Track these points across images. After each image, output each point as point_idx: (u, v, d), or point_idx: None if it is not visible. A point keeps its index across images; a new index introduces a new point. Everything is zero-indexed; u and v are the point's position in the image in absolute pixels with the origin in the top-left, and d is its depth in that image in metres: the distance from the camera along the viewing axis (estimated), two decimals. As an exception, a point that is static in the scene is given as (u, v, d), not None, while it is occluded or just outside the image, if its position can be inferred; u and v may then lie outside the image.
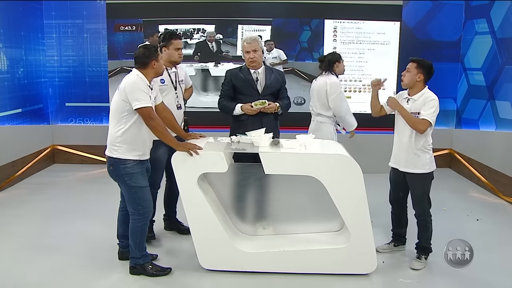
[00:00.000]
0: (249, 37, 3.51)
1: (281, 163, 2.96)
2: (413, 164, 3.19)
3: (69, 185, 5.31)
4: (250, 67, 3.53)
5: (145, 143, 2.98)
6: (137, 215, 2.98)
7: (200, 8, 5.76)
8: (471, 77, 5.90)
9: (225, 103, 3.55)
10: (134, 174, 2.92)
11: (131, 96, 2.82)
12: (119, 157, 2.90)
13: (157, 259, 3.28)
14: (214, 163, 2.95)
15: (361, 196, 2.94)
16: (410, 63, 3.21)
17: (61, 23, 6.12)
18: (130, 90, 2.83)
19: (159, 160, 3.38)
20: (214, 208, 3.06)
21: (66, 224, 3.99)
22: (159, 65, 2.98)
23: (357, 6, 5.74)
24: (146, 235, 3.08)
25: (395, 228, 3.49)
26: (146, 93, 2.86)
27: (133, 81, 2.87)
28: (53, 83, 6.25)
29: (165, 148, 3.38)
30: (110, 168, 2.97)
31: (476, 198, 5.04)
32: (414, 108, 3.18)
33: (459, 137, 6.10)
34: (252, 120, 3.46)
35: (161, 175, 3.55)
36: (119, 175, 2.93)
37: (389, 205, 3.47)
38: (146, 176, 3.02)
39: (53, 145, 6.22)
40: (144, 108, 2.83)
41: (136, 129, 2.90)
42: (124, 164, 2.90)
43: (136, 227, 2.99)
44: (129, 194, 2.97)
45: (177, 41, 3.46)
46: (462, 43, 6.08)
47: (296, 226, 3.29)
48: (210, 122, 5.34)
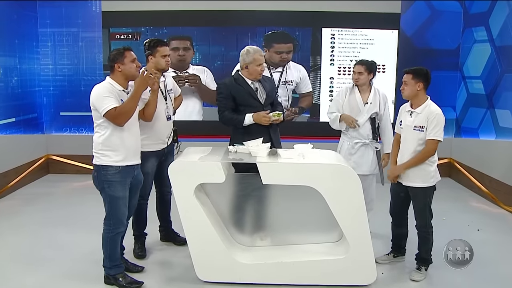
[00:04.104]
0: (257, 49, 3.44)
1: (279, 173, 2.98)
2: (418, 177, 3.19)
3: (64, 196, 5.31)
4: (253, 80, 3.46)
5: (126, 146, 2.96)
6: (108, 225, 3.00)
7: (198, 17, 5.80)
8: (470, 86, 5.96)
9: (231, 115, 3.42)
10: (114, 182, 2.93)
11: (97, 105, 2.86)
12: (102, 163, 2.93)
13: (143, 271, 3.28)
14: (211, 174, 2.97)
15: (359, 206, 2.96)
16: (405, 75, 3.22)
17: (56, 32, 6.16)
18: (95, 100, 2.88)
19: (147, 172, 3.38)
20: (211, 219, 3.08)
21: (59, 236, 3.98)
22: (126, 68, 2.93)
23: (354, 14, 5.80)
24: (118, 246, 3.06)
25: (395, 239, 3.50)
26: (108, 97, 2.86)
27: (95, 91, 2.91)
28: (47, 92, 6.28)
29: (153, 161, 3.42)
30: (94, 174, 3.01)
31: (477, 208, 5.06)
32: (418, 121, 3.18)
33: (458, 146, 6.15)
34: (260, 130, 3.38)
35: (150, 187, 3.54)
36: (100, 181, 2.96)
37: (388, 215, 3.49)
38: (126, 187, 2.99)
39: (47, 154, 6.23)
40: (107, 112, 2.84)
41: (115, 134, 2.92)
42: (106, 171, 2.92)
43: (107, 237, 3.00)
44: (105, 203, 2.99)
45: (163, 48, 3.41)
46: (461, 51, 6.15)
47: (294, 237, 3.30)
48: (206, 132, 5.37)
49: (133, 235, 3.58)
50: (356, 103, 3.85)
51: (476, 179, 5.57)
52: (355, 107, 3.85)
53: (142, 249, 3.57)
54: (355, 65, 3.88)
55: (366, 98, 3.85)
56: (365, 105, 3.83)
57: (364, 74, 3.80)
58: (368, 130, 3.86)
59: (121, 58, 2.93)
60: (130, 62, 2.96)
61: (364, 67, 3.80)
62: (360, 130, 3.84)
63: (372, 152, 3.89)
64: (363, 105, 3.83)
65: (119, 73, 2.95)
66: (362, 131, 3.85)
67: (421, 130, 3.16)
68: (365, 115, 3.83)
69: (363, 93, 3.87)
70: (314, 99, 5.94)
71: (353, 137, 3.87)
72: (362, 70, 3.80)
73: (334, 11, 5.83)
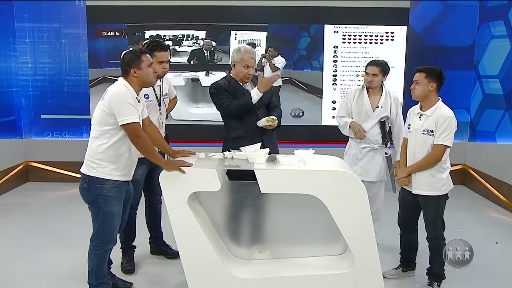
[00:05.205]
0: (251, 50, 3.50)
1: (279, 181, 3.00)
2: (429, 185, 3.22)
3: (44, 206, 5.32)
4: (241, 82, 3.54)
5: (129, 162, 2.97)
6: (97, 242, 2.97)
7: (190, 13, 5.86)
8: (486, 85, 6.01)
9: (237, 102, 3.47)
10: (110, 198, 2.89)
11: (117, 111, 2.79)
12: (98, 176, 2.87)
13: (132, 287, 3.31)
14: (206, 181, 2.98)
15: (365, 216, 2.99)
16: (417, 73, 3.24)
17: (35, 27, 6.20)
18: (116, 104, 2.80)
19: (138, 180, 3.42)
20: (205, 230, 3.10)
21: (37, 251, 3.98)
22: (143, 73, 2.92)
23: (359, 9, 5.84)
24: (105, 262, 3.07)
25: (404, 252, 3.53)
26: (133, 106, 2.84)
27: (119, 93, 2.83)
28: (26, 93, 6.31)
29: (144, 167, 3.44)
30: (83, 186, 2.93)
31: (494, 218, 5.09)
32: (427, 125, 3.21)
33: (473, 151, 6.18)
34: (251, 135, 3.44)
35: (139, 196, 3.59)
36: (93, 195, 2.89)
37: (396, 225, 3.52)
38: (121, 202, 2.99)
39: (26, 161, 6.27)
40: (131, 124, 2.81)
41: (121, 146, 2.89)
42: (102, 184, 2.87)
43: (94, 254, 2.98)
44: (95, 217, 2.95)
45: (161, 53, 3.42)
46: (476, 48, 6.19)
47: (295, 250, 3.32)
48: (201, 137, 5.42)
49: (121, 248, 3.62)
50: (364, 107, 3.88)
51: (493, 186, 5.61)
52: (363, 112, 3.88)
53: (131, 263, 3.61)
54: (368, 66, 3.87)
55: (377, 101, 3.87)
56: (375, 109, 3.86)
57: (379, 76, 3.81)
58: (376, 135, 3.90)
59: (138, 62, 2.89)
60: (147, 67, 2.93)
61: (379, 69, 3.80)
62: (367, 135, 3.88)
63: (381, 158, 3.93)
64: (371, 110, 3.86)
65: (134, 79, 2.91)
66: (370, 136, 3.89)
67: (430, 135, 3.19)
68: (374, 119, 3.87)
69: (374, 95, 3.89)
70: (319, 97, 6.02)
71: (361, 141, 3.91)
72: (377, 71, 3.80)
73: (337, 6, 5.88)
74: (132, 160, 3.01)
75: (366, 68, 3.89)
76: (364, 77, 3.92)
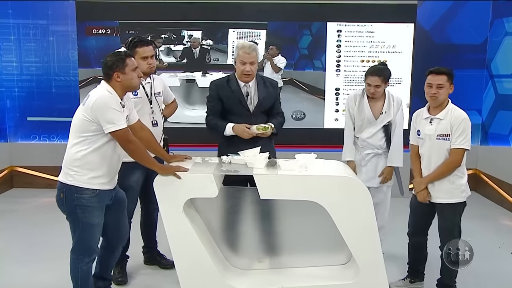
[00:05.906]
0: (247, 45, 3.44)
1: (279, 187, 3.02)
2: (448, 192, 3.21)
3: (29, 214, 5.32)
4: (241, 81, 3.52)
5: (111, 170, 2.94)
6: (78, 254, 2.93)
7: (185, 10, 5.88)
8: (499, 86, 6.02)
9: (214, 121, 3.52)
10: (89, 208, 2.85)
11: (102, 118, 2.77)
12: (75, 184, 2.82)
13: None
14: (202, 187, 3.00)
15: (370, 224, 3.01)
16: (439, 76, 3.16)
17: (20, 24, 6.21)
18: (100, 111, 2.77)
19: (133, 187, 3.43)
20: (202, 239, 3.11)
21: (21, 262, 3.95)
22: (127, 78, 2.89)
23: (363, 6, 5.86)
24: (90, 275, 3.03)
25: (413, 262, 3.53)
26: (119, 112, 2.82)
27: (102, 99, 2.80)
28: (11, 93, 6.32)
29: (139, 173, 3.45)
30: (59, 196, 2.88)
31: (509, 226, 5.10)
32: (441, 129, 3.19)
33: (485, 155, 6.19)
34: (247, 141, 3.41)
35: (134, 205, 3.59)
36: (71, 206, 2.85)
37: (404, 234, 3.53)
38: (102, 212, 2.95)
39: (11, 166, 6.29)
40: (119, 131, 2.80)
41: (102, 153, 2.86)
42: (80, 194, 2.83)
43: (76, 268, 2.94)
44: (74, 229, 2.91)
45: (142, 48, 3.42)
46: (488, 46, 6.21)
47: (296, 259, 3.34)
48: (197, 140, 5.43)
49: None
50: (365, 115, 3.86)
51: (507, 193, 5.63)
52: (365, 119, 3.87)
53: (123, 274, 3.62)
54: (368, 76, 3.75)
55: (381, 107, 3.85)
56: (378, 116, 3.85)
57: (381, 86, 3.76)
58: (379, 140, 3.90)
59: (122, 66, 2.88)
60: (132, 71, 2.91)
61: (381, 79, 3.72)
62: (370, 140, 3.89)
63: (386, 162, 3.94)
64: (373, 117, 3.84)
65: (117, 83, 2.89)
66: (372, 141, 3.89)
67: (446, 139, 3.19)
68: (378, 125, 3.87)
69: (376, 101, 3.86)
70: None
71: (364, 147, 3.92)
72: (379, 82, 3.71)
73: (341, 3, 5.92)
74: (114, 168, 2.99)
75: (367, 78, 3.77)
76: (365, 86, 3.83)
